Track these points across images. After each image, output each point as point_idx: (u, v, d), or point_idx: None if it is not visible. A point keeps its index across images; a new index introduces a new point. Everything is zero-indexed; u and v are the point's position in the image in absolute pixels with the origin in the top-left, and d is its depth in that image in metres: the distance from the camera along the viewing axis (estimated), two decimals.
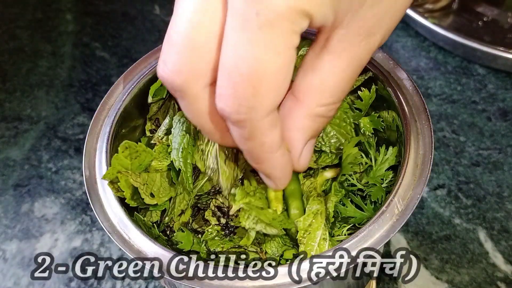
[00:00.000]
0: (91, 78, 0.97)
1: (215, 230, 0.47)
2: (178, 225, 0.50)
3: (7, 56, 1.03)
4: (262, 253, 0.46)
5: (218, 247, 0.46)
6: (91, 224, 0.76)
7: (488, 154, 0.78)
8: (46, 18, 1.11)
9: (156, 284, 0.69)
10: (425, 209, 0.73)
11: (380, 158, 0.50)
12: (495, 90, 0.87)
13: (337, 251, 0.42)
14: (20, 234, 0.76)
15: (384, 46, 0.95)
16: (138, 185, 0.46)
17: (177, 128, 0.51)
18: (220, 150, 0.48)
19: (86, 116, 0.91)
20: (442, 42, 0.92)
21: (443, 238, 0.70)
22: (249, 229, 0.44)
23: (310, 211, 0.46)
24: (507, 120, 0.82)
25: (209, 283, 0.41)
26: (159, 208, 0.49)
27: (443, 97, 0.86)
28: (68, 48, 1.04)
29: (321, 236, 0.45)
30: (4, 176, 0.84)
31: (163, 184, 0.49)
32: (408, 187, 0.45)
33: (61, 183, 0.82)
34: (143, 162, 0.50)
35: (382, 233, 0.42)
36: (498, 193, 0.74)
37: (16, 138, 0.89)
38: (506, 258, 0.68)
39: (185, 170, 0.49)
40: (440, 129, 0.82)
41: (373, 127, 0.53)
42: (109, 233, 0.45)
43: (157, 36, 1.04)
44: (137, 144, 0.49)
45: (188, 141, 0.50)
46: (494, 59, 0.87)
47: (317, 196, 0.48)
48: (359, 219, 0.48)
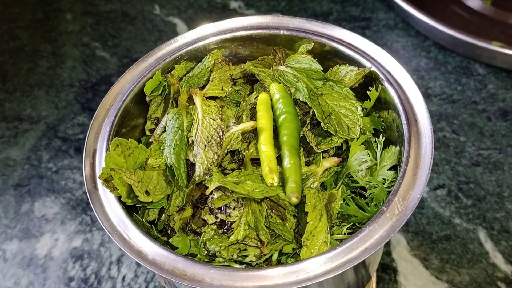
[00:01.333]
0: (91, 78, 0.98)
1: (212, 229, 0.48)
2: (179, 225, 0.50)
3: (7, 56, 1.03)
4: (263, 246, 0.47)
5: (216, 245, 0.47)
6: (91, 224, 0.76)
7: (488, 154, 0.78)
8: (46, 18, 1.11)
9: (156, 284, 0.69)
10: (425, 209, 0.73)
11: (386, 157, 0.50)
12: (495, 90, 0.87)
13: (337, 252, 0.42)
14: (20, 234, 0.76)
15: (384, 46, 0.95)
16: (132, 183, 0.46)
17: (170, 125, 0.51)
18: (202, 137, 0.49)
19: (86, 116, 0.91)
20: (442, 40, 0.92)
21: (443, 238, 0.70)
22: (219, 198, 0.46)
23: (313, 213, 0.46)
24: (507, 120, 0.82)
25: (209, 283, 0.41)
26: (156, 206, 0.49)
27: (443, 97, 0.86)
28: (68, 48, 1.04)
29: (323, 239, 0.45)
30: (4, 176, 0.84)
31: (159, 182, 0.49)
32: (408, 187, 0.45)
33: (61, 183, 0.82)
34: (138, 160, 0.50)
35: (382, 233, 0.42)
36: (498, 193, 0.74)
37: (16, 138, 0.89)
38: (506, 258, 0.68)
39: (177, 166, 0.49)
40: (440, 129, 0.82)
41: (373, 127, 0.53)
42: (109, 233, 0.45)
43: (157, 36, 1.04)
44: (128, 141, 0.50)
45: (180, 137, 0.50)
46: (494, 56, 0.87)
47: (317, 193, 0.48)
48: (360, 218, 0.48)
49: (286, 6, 1.07)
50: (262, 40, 0.59)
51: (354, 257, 0.41)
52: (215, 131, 0.49)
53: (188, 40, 0.59)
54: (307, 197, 0.47)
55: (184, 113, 0.52)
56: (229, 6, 1.09)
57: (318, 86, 0.53)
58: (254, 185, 0.46)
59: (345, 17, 1.03)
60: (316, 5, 1.06)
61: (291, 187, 0.47)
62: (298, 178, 0.48)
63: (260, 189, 0.46)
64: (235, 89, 0.58)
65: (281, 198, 0.47)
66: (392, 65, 0.54)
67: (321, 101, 0.52)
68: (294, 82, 0.53)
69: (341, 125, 0.51)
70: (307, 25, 0.59)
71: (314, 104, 0.51)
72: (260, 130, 0.50)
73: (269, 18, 0.60)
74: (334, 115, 0.51)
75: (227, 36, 0.59)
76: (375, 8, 1.04)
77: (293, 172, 0.48)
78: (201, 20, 1.06)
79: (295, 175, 0.47)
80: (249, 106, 0.55)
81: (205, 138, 0.49)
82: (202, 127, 0.50)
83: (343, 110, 0.51)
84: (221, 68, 0.58)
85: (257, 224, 0.47)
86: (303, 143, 0.53)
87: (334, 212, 0.48)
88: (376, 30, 0.99)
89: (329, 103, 0.52)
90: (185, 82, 0.56)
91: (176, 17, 1.08)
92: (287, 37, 0.58)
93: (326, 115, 0.51)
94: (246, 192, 0.45)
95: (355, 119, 0.51)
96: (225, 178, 0.47)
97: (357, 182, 0.51)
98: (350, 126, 0.51)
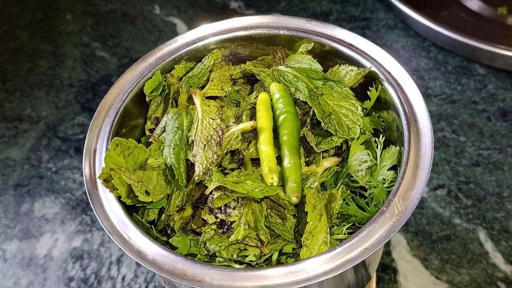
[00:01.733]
0: (91, 78, 0.98)
1: (212, 229, 0.48)
2: (179, 225, 0.50)
3: (7, 56, 1.03)
4: (263, 246, 0.47)
5: (216, 245, 0.47)
6: (91, 224, 0.76)
7: (488, 154, 0.78)
8: (46, 18, 1.11)
9: (156, 284, 0.69)
10: (425, 209, 0.73)
11: (385, 157, 0.50)
12: (495, 90, 0.87)
13: (337, 252, 0.42)
14: (20, 234, 0.76)
15: (384, 46, 0.95)
16: (132, 183, 0.46)
17: (169, 125, 0.51)
18: (202, 137, 0.49)
19: (86, 116, 0.91)
20: (441, 42, 0.92)
21: (443, 238, 0.70)
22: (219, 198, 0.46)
23: (313, 213, 0.46)
24: (507, 120, 0.82)
25: (209, 283, 0.41)
26: (156, 206, 0.49)
27: (443, 97, 0.86)
28: (68, 48, 1.04)
29: (322, 239, 0.45)
30: (4, 176, 0.84)
31: (159, 182, 0.49)
32: (408, 187, 0.45)
33: (61, 183, 0.82)
34: (137, 160, 0.50)
35: (382, 233, 0.42)
36: (498, 193, 0.74)
37: (16, 138, 0.89)
38: (506, 258, 0.68)
39: (177, 166, 0.49)
40: (440, 129, 0.82)
41: (373, 127, 0.53)
42: (109, 233, 0.45)
43: (157, 36, 1.04)
44: (128, 141, 0.50)
45: (180, 137, 0.50)
46: (494, 57, 0.87)
47: (317, 193, 0.48)
48: (360, 218, 0.48)
49: (286, 6, 1.07)
50: (262, 40, 0.59)
51: (354, 257, 0.41)
52: (215, 131, 0.49)
53: (188, 40, 0.59)
54: (307, 197, 0.47)
55: (184, 113, 0.52)
56: (229, 6, 1.09)
57: (318, 86, 0.53)
58: (254, 185, 0.46)
59: (345, 17, 1.03)
60: (316, 5, 1.06)
61: (291, 187, 0.47)
62: (298, 178, 0.48)
63: (260, 188, 0.46)
64: (235, 89, 0.58)
65: (281, 197, 0.47)
66: (392, 65, 0.54)
67: (321, 101, 0.52)
68: (294, 82, 0.53)
69: (341, 125, 0.51)
70: (307, 25, 0.59)
71: (314, 104, 0.51)
72: (260, 130, 0.50)
73: (269, 18, 0.60)
74: (334, 115, 0.51)
75: (227, 36, 0.59)
76: (375, 8, 1.04)
77: (293, 172, 0.48)
78: (201, 20, 1.06)
79: (295, 174, 0.47)
80: (249, 106, 0.55)
81: (205, 138, 0.49)
82: (202, 127, 0.50)
83: (343, 110, 0.52)
84: (221, 68, 0.58)
85: (257, 224, 0.47)
86: (303, 143, 0.53)
87: (334, 212, 0.48)
88: (376, 30, 0.99)
89: (329, 103, 0.52)
90: (185, 82, 0.56)
91: (176, 17, 1.08)
92: (287, 37, 0.58)
93: (326, 115, 0.51)
94: (246, 191, 0.45)
95: (355, 119, 0.51)
96: (225, 178, 0.47)
97: (357, 182, 0.51)
98: (350, 126, 0.51)
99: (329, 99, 0.52)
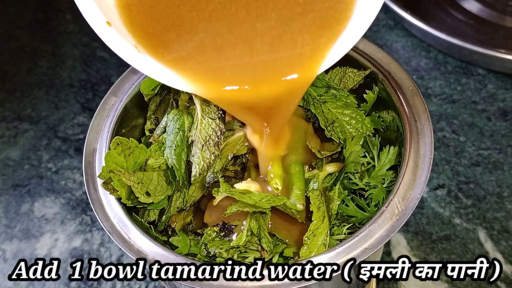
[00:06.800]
0: (91, 78, 0.97)
1: (213, 231, 0.47)
2: (180, 226, 0.50)
3: (7, 56, 1.03)
4: (264, 251, 0.46)
5: (217, 248, 0.46)
6: (91, 224, 0.76)
7: (488, 154, 0.78)
8: (46, 18, 1.11)
9: (156, 284, 0.69)
10: (425, 209, 0.73)
11: (383, 157, 0.50)
12: (495, 90, 0.87)
13: (337, 251, 0.42)
14: (20, 234, 0.76)
15: (384, 46, 0.95)
16: (132, 184, 0.46)
17: (171, 126, 0.51)
18: (200, 136, 0.49)
19: (86, 116, 0.91)
20: (438, 45, 0.91)
21: (443, 238, 0.70)
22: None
23: (317, 213, 0.46)
24: (507, 120, 0.82)
25: (209, 283, 0.41)
26: (156, 206, 0.49)
27: (443, 97, 0.86)
28: (68, 48, 1.04)
29: (322, 241, 0.45)
30: (4, 176, 0.84)
31: (160, 183, 0.49)
32: (408, 187, 0.45)
33: (61, 183, 0.82)
34: (138, 160, 0.50)
35: (382, 233, 0.42)
36: (498, 193, 0.74)
37: (16, 138, 0.89)
38: (506, 258, 0.68)
39: (178, 167, 0.49)
40: (440, 129, 0.82)
41: (373, 127, 0.53)
42: (109, 233, 0.45)
43: None
44: (129, 140, 0.49)
45: (181, 138, 0.50)
46: (491, 61, 0.86)
47: (320, 196, 0.48)
48: (360, 219, 0.48)
49: None
50: None
51: (354, 257, 0.41)
52: (213, 131, 0.49)
53: None
54: (311, 198, 0.47)
55: (185, 113, 0.52)
56: None
57: (321, 93, 0.53)
58: (261, 195, 0.46)
59: None
60: None
61: (296, 194, 0.47)
62: (302, 186, 0.48)
63: (267, 198, 0.46)
64: None
65: (287, 206, 0.47)
66: (392, 65, 0.54)
67: (324, 109, 0.52)
68: None
69: (345, 132, 0.51)
70: None
71: (318, 111, 0.51)
72: None
73: None
74: (337, 123, 0.51)
75: None
76: None
77: (298, 179, 0.48)
78: None
79: (299, 182, 0.47)
80: None
81: (203, 138, 0.49)
82: (201, 127, 0.50)
83: (346, 118, 0.52)
84: None
85: (260, 232, 0.46)
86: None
87: (333, 213, 0.48)
88: (376, 30, 0.99)
89: (332, 111, 0.52)
90: None
91: None
92: None
93: (330, 123, 0.51)
94: (253, 202, 0.45)
95: (358, 127, 0.51)
96: (232, 189, 0.46)
97: (356, 184, 0.51)
98: (354, 134, 0.51)
99: (332, 107, 0.52)
